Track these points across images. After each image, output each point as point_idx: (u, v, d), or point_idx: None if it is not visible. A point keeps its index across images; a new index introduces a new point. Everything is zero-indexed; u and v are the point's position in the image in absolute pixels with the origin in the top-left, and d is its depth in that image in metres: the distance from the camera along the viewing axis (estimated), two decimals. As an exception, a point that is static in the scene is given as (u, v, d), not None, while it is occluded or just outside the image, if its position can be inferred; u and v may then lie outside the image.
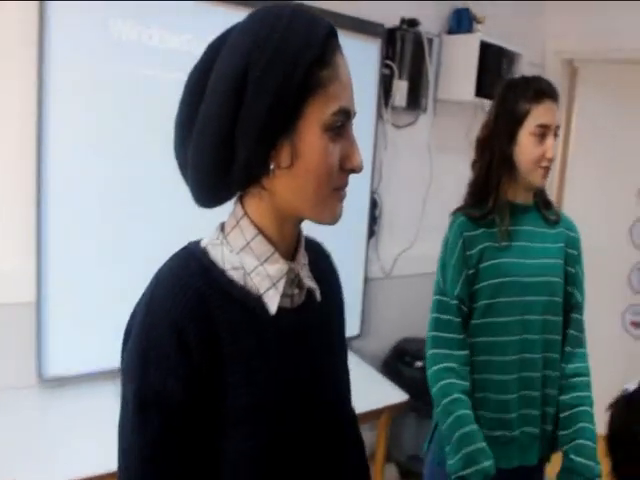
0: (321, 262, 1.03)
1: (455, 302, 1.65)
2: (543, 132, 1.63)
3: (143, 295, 0.83)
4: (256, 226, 0.86)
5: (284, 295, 0.87)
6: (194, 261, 0.84)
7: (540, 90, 1.64)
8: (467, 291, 1.65)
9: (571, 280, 1.74)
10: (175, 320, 0.77)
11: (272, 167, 0.81)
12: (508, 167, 1.67)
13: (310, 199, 0.84)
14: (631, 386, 1.55)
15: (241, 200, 0.88)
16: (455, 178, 3.51)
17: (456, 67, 3.25)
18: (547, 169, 1.66)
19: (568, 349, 1.73)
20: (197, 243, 0.89)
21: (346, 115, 0.83)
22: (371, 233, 3.16)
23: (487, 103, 3.24)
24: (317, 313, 0.94)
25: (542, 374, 1.69)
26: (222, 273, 0.84)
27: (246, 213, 0.86)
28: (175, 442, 0.77)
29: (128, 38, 2.23)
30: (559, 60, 3.89)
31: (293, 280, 0.89)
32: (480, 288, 1.65)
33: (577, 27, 3.76)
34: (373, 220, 3.15)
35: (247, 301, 0.84)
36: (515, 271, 1.65)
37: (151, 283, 0.83)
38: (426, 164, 3.35)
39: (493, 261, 1.65)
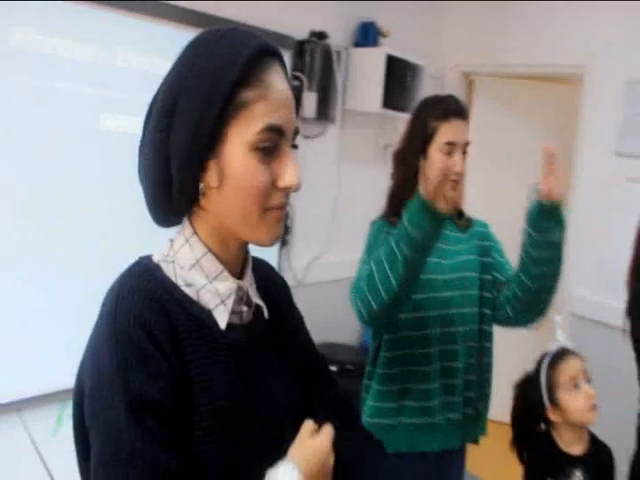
0: (270, 280, 1.06)
1: None
2: (450, 149, 1.72)
3: (102, 313, 0.83)
4: (205, 245, 0.88)
5: (233, 312, 0.90)
6: (150, 275, 0.86)
7: (448, 109, 1.74)
8: None
9: (494, 268, 1.85)
10: (145, 321, 0.79)
11: (202, 188, 0.83)
12: (421, 179, 1.74)
13: (241, 219, 0.85)
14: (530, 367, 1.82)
15: (190, 219, 0.90)
16: (363, 186, 3.64)
17: (363, 79, 3.33)
18: (456, 182, 1.73)
19: None
20: (149, 258, 0.90)
21: (277, 133, 0.83)
22: (283, 242, 3.19)
23: (393, 114, 3.36)
24: (265, 329, 0.97)
25: (464, 363, 1.79)
26: (176, 287, 0.86)
27: (195, 232, 0.89)
28: (172, 435, 0.78)
29: (28, 48, 2.13)
30: (457, 73, 4.08)
31: (242, 298, 0.92)
32: None
33: (473, 42, 3.97)
34: (285, 229, 3.18)
35: (200, 315, 0.86)
36: (433, 269, 1.74)
37: (110, 297, 0.83)
38: (335, 173, 3.42)
39: None
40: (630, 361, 1.99)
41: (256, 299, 0.96)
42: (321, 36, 3.11)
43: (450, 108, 1.74)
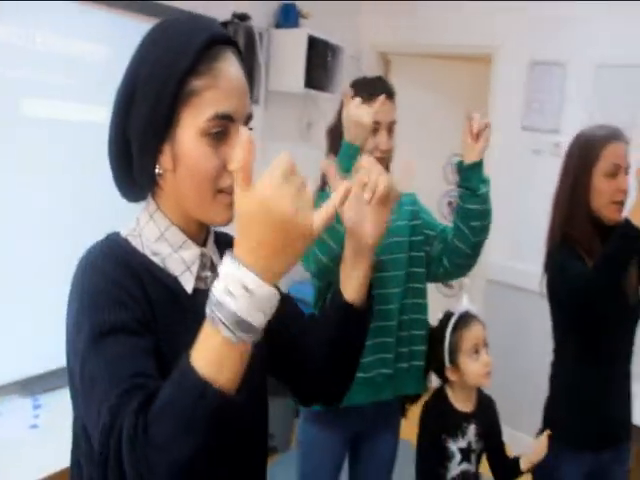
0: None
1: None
2: (375, 128, 1.84)
3: (74, 283, 0.87)
4: (168, 219, 0.94)
5: (198, 278, 0.95)
6: (119, 247, 0.92)
7: (374, 90, 1.84)
8: None
9: (424, 227, 2.00)
10: (117, 279, 0.84)
11: (158, 170, 0.89)
12: None
13: (194, 201, 0.90)
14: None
15: (153, 196, 0.96)
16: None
17: (285, 60, 3.42)
18: (382, 159, 1.86)
19: None
20: (117, 234, 0.95)
21: (226, 120, 0.87)
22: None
23: (315, 94, 3.47)
24: None
25: (396, 321, 1.93)
26: (144, 257, 0.92)
27: (159, 208, 0.94)
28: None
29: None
30: (374, 53, 4.23)
31: (205, 264, 0.97)
32: None
33: (389, 24, 4.13)
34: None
35: (168, 281, 0.92)
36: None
37: (80, 267, 0.87)
38: (259, 152, 3.48)
39: None
40: (542, 320, 2.19)
41: (219, 264, 0.99)
42: (243, 18, 3.16)
43: (376, 88, 1.86)
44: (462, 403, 1.96)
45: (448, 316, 1.96)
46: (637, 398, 2.07)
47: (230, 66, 0.90)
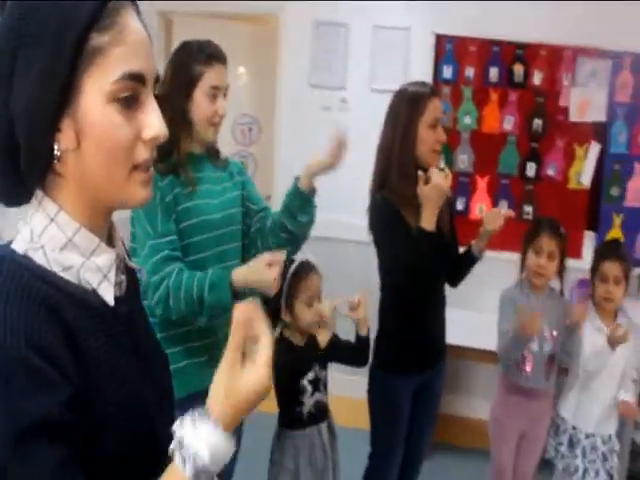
0: None
1: (172, 237, 1.78)
2: (215, 93, 1.83)
3: None
4: (74, 219, 0.78)
5: (114, 284, 0.83)
6: (22, 271, 0.74)
7: (211, 55, 1.82)
8: (177, 229, 1.81)
9: (249, 199, 2.05)
10: (36, 336, 0.69)
11: (57, 151, 0.74)
12: (186, 123, 1.84)
13: (106, 180, 0.77)
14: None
15: (47, 193, 0.79)
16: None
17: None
18: (218, 125, 1.88)
19: None
20: (11, 251, 0.77)
21: (137, 81, 0.76)
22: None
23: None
24: (135, 296, 0.94)
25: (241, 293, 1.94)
26: (55, 276, 0.76)
27: (61, 208, 0.78)
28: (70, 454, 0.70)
29: None
30: (154, 13, 4.07)
31: (119, 266, 0.85)
32: (180, 230, 1.82)
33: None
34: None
35: (86, 298, 0.78)
36: (205, 211, 1.86)
37: None
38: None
39: (185, 205, 1.83)
40: (366, 267, 2.39)
41: (130, 263, 0.91)
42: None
43: (213, 53, 1.83)
44: (301, 339, 2.12)
45: (287, 263, 2.00)
46: (449, 321, 2.40)
47: (133, 19, 0.78)
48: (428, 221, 2.05)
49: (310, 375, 2.09)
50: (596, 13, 3.47)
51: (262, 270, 1.71)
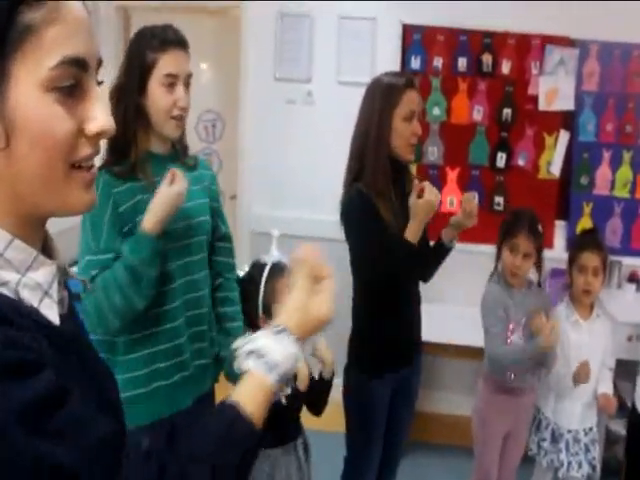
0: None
1: (112, 255, 1.61)
2: (172, 81, 1.65)
3: None
4: (4, 229, 0.67)
5: (57, 301, 0.73)
6: None
7: (165, 39, 1.64)
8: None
9: (217, 214, 1.92)
10: (2, 338, 0.61)
11: None
12: (142, 119, 1.67)
13: (40, 183, 0.67)
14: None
15: None
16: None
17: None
18: (180, 118, 1.70)
19: (223, 277, 1.96)
20: None
21: (80, 66, 0.67)
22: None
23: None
24: (76, 312, 0.85)
25: (208, 307, 1.85)
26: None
27: None
28: None
29: None
30: (112, 7, 3.95)
31: (60, 280, 0.74)
32: None
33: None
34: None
35: (31, 318, 0.68)
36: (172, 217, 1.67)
37: None
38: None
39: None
40: (336, 264, 2.32)
41: (72, 274, 0.80)
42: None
43: (168, 37, 1.65)
44: None
45: (259, 266, 1.91)
46: (425, 317, 2.35)
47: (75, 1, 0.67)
48: (413, 235, 2.01)
49: (287, 390, 2.00)
50: (563, 2, 3.44)
51: (165, 195, 1.59)
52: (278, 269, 1.92)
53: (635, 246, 3.67)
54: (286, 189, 3.79)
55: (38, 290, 0.69)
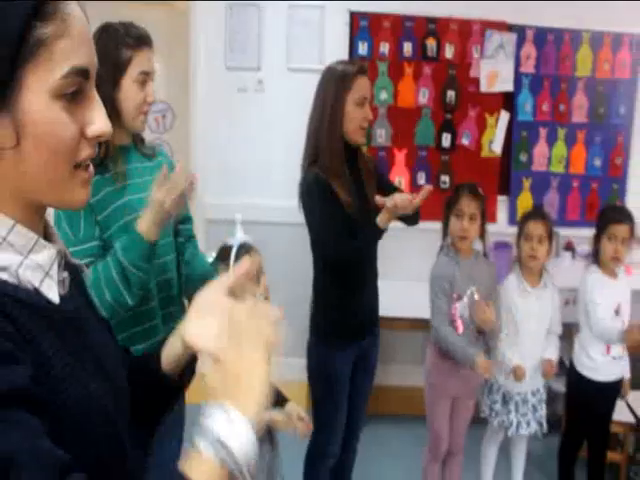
0: None
1: (96, 242, 1.68)
2: (144, 79, 1.72)
3: None
4: (8, 216, 0.74)
5: (57, 281, 0.79)
6: None
7: (141, 37, 1.70)
8: (101, 234, 1.71)
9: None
10: None
11: None
12: (115, 114, 1.72)
13: (46, 181, 0.73)
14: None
15: None
16: None
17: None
18: (147, 113, 1.78)
19: (187, 250, 2.04)
20: None
21: (83, 75, 0.73)
22: None
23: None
24: (82, 294, 0.90)
25: (177, 289, 1.94)
26: None
27: None
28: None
29: None
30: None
31: (60, 263, 0.81)
32: (113, 231, 1.72)
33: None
34: None
35: (30, 299, 0.73)
36: (137, 207, 1.73)
37: None
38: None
39: (118, 202, 1.73)
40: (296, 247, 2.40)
41: (72, 259, 0.87)
42: None
43: (142, 35, 1.70)
44: None
45: (227, 248, 1.98)
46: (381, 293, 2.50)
47: (78, 10, 0.73)
48: (384, 222, 2.14)
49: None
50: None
51: (160, 197, 1.62)
52: (245, 250, 2.01)
53: (570, 217, 3.95)
54: (240, 176, 3.85)
55: (39, 271, 0.75)
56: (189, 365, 0.99)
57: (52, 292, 0.77)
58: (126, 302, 1.64)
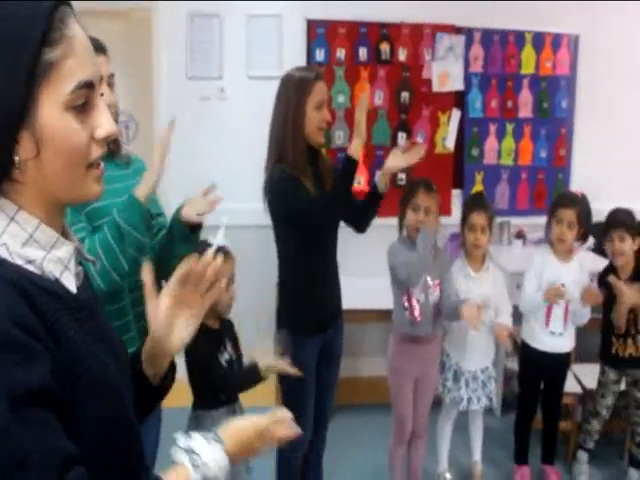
0: None
1: (81, 224, 1.76)
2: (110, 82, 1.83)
3: None
4: (34, 217, 0.84)
5: (74, 274, 0.89)
6: None
7: (98, 46, 1.75)
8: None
9: (155, 202, 2.12)
10: (11, 312, 0.75)
11: (17, 160, 0.79)
12: None
13: (65, 182, 0.83)
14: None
15: (5, 197, 0.83)
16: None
17: None
18: (114, 116, 1.75)
19: None
20: None
21: (88, 87, 0.82)
22: None
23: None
24: (89, 284, 0.99)
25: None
26: (20, 267, 0.81)
27: (20, 207, 0.83)
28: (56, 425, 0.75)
29: None
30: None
31: (76, 257, 0.91)
32: (84, 233, 1.77)
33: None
34: None
35: (51, 287, 0.83)
36: (109, 212, 1.78)
37: None
38: None
39: (89, 207, 1.80)
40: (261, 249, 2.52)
41: (87, 255, 0.97)
42: None
43: (95, 45, 1.76)
44: (213, 322, 2.25)
45: (207, 245, 1.97)
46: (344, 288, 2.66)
47: (77, 26, 0.83)
48: (356, 152, 2.33)
49: (225, 355, 2.24)
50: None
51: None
52: (222, 252, 2.13)
53: (520, 207, 4.19)
54: (204, 182, 3.91)
55: (60, 264, 0.86)
56: (171, 370, 1.11)
57: (70, 283, 0.87)
58: (123, 267, 1.72)
